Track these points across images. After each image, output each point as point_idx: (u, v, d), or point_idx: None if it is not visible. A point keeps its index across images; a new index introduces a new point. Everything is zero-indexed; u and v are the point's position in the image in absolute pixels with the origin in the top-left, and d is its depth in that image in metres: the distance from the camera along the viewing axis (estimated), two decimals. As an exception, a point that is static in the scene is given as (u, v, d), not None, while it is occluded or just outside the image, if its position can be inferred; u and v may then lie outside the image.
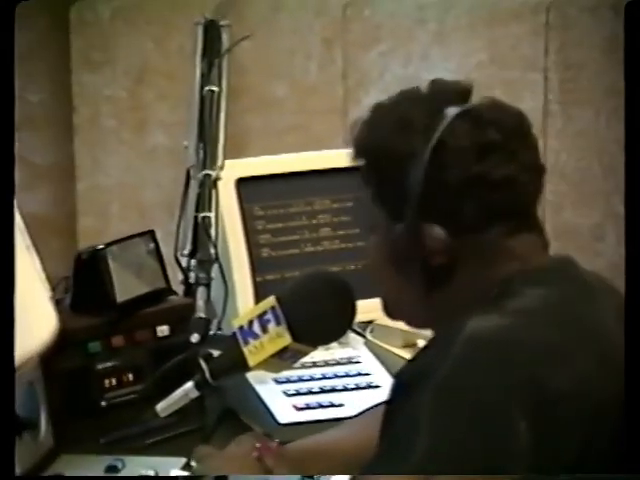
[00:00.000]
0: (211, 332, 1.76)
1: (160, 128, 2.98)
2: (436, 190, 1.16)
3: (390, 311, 1.28)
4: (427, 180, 1.16)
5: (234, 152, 2.94)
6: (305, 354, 1.34)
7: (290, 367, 1.37)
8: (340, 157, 1.94)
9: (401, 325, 1.74)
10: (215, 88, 1.69)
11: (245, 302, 1.73)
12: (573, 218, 2.96)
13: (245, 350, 1.32)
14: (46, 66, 2.80)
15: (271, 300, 1.31)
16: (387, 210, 1.21)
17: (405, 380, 1.15)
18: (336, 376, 1.67)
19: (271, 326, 1.30)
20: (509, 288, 1.15)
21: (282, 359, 1.33)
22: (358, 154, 1.24)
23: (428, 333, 1.71)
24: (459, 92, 1.21)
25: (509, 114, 1.21)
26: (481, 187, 1.16)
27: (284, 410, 1.60)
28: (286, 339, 1.30)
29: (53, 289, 1.73)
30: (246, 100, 3.00)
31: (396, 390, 1.15)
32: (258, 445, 1.35)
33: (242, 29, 2.91)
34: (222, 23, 1.76)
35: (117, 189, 3.02)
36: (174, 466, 1.45)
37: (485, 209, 1.17)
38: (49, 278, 1.72)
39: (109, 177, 3.02)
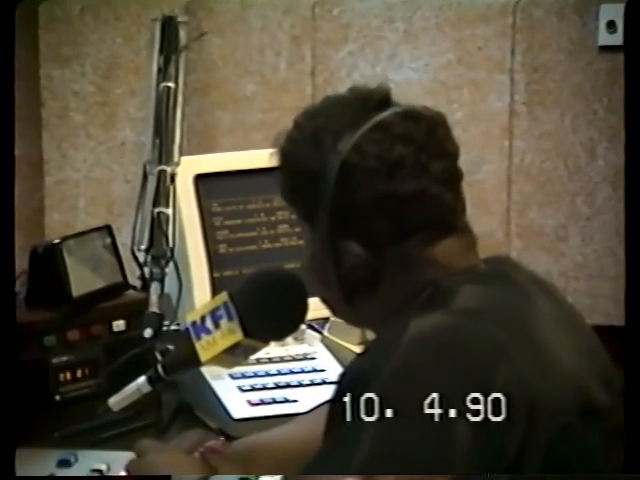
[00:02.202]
0: (171, 327, 1.77)
1: (128, 123, 2.99)
2: (347, 209, 1.17)
3: (328, 309, 1.30)
4: (336, 199, 1.17)
5: (203, 148, 2.96)
6: (257, 350, 1.35)
7: (242, 363, 1.38)
8: (269, 159, 1.97)
9: (357, 322, 1.77)
10: (171, 84, 1.70)
11: (202, 298, 1.73)
12: (538, 218, 2.98)
13: (197, 345, 1.32)
14: (14, 60, 2.80)
15: (223, 296, 1.32)
16: (306, 224, 1.23)
17: (350, 378, 1.15)
18: (291, 372, 1.68)
19: (223, 322, 1.31)
20: (443, 289, 1.16)
21: (234, 355, 1.34)
22: (278, 167, 1.25)
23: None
24: (377, 101, 1.20)
25: (422, 124, 1.19)
26: (391, 204, 1.17)
27: (238, 405, 1.60)
28: (238, 335, 1.31)
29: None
30: (215, 96, 3.00)
31: (341, 387, 1.16)
32: (201, 448, 1.34)
33: (212, 26, 2.93)
34: (180, 19, 1.77)
35: (85, 184, 3.02)
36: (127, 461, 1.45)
37: (399, 224, 1.17)
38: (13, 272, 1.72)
39: (77, 172, 3.02)
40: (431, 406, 1.07)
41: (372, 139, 1.17)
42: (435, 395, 1.07)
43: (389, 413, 1.08)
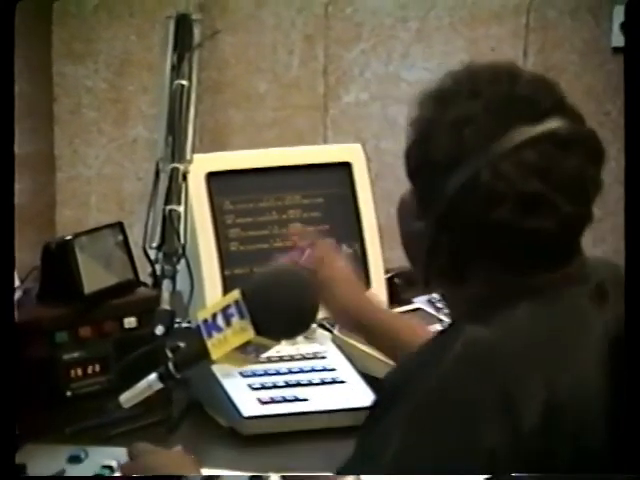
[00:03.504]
0: (182, 324, 1.77)
1: (140, 120, 2.99)
2: (458, 214, 1.12)
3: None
4: (451, 206, 1.12)
5: (215, 146, 2.96)
6: (268, 348, 1.35)
7: (253, 361, 1.38)
8: (311, 153, 1.97)
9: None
10: (185, 82, 1.70)
11: (213, 296, 1.74)
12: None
13: (208, 343, 1.32)
14: (27, 56, 2.81)
15: (235, 294, 1.32)
16: (417, 201, 1.18)
17: (391, 387, 1.16)
18: (302, 371, 1.68)
19: (235, 320, 1.31)
20: (510, 305, 1.13)
21: (245, 353, 1.34)
22: (412, 120, 1.17)
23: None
24: (539, 111, 1.10)
25: (573, 158, 1.10)
26: (503, 230, 1.11)
27: (249, 403, 1.60)
28: (249, 333, 1.30)
29: (22, 280, 1.74)
30: (228, 94, 3.01)
31: (381, 396, 1.17)
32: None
33: (225, 24, 2.93)
34: (194, 17, 1.77)
35: (96, 180, 3.03)
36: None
37: (502, 248, 1.12)
38: (24, 268, 1.72)
39: (89, 168, 3.03)
40: (463, 420, 1.07)
41: (513, 163, 1.09)
42: (469, 409, 1.07)
43: (424, 423, 1.09)
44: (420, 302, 1.88)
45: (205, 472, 1.35)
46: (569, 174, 1.10)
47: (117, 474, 1.44)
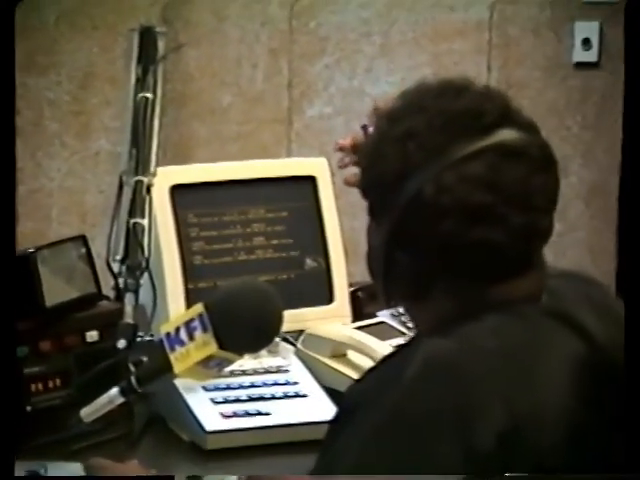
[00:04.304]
0: (145, 338, 1.76)
1: (103, 133, 2.98)
2: (410, 232, 1.12)
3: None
4: (401, 221, 1.12)
5: (179, 159, 2.96)
6: (231, 362, 1.35)
7: (216, 375, 1.38)
8: (275, 167, 1.97)
9: (331, 335, 1.77)
10: (149, 95, 1.70)
11: (177, 309, 1.73)
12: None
13: (171, 357, 1.32)
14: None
15: (199, 307, 1.31)
16: (371, 217, 1.19)
17: (350, 403, 1.16)
18: (264, 384, 1.68)
19: (198, 333, 1.30)
20: (472, 318, 1.12)
21: (208, 367, 1.34)
22: (365, 150, 1.20)
23: (358, 344, 1.73)
24: (486, 123, 1.09)
25: (522, 167, 1.09)
26: (454, 244, 1.10)
27: (211, 418, 1.60)
28: (212, 347, 1.30)
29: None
30: (192, 107, 3.01)
31: (340, 411, 1.18)
32: None
33: (188, 37, 2.93)
34: (158, 30, 1.77)
35: (58, 193, 3.02)
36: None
37: (456, 261, 1.12)
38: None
39: (51, 181, 3.01)
40: (424, 435, 1.07)
41: (458, 175, 1.09)
42: (429, 426, 1.07)
43: (384, 439, 1.08)
44: (384, 316, 1.89)
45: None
46: (516, 185, 1.09)
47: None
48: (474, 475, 1.06)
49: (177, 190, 1.79)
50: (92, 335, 1.64)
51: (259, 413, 1.61)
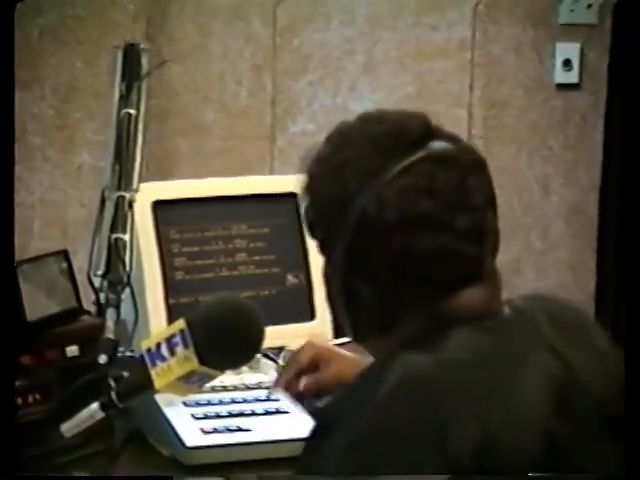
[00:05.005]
0: (125, 353, 1.76)
1: (86, 147, 2.98)
2: (362, 255, 1.14)
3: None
4: (352, 244, 1.14)
5: (162, 174, 2.96)
6: (212, 378, 1.35)
7: (197, 391, 1.38)
8: (257, 183, 1.98)
9: (312, 352, 1.77)
10: (133, 111, 1.70)
11: (158, 325, 1.73)
12: (492, 252, 3.01)
13: (152, 372, 1.32)
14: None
15: (180, 323, 1.32)
16: (323, 254, 1.22)
17: (327, 418, 1.17)
18: (245, 401, 1.68)
19: (179, 349, 1.31)
20: (443, 336, 1.13)
21: (189, 382, 1.34)
22: (303, 189, 1.22)
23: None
24: (412, 138, 1.13)
25: (454, 171, 1.12)
26: (408, 257, 1.12)
27: (192, 433, 1.60)
28: (193, 363, 1.30)
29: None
30: (175, 123, 3.01)
31: (317, 427, 1.17)
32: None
33: (172, 53, 2.94)
34: (142, 47, 1.77)
35: (40, 206, 3.01)
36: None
37: (414, 276, 1.13)
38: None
39: (32, 194, 3.01)
40: (399, 452, 1.08)
41: (395, 189, 1.12)
42: (404, 443, 1.08)
43: (360, 455, 1.09)
44: (364, 333, 1.89)
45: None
46: (453, 188, 1.12)
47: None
48: None
49: (159, 206, 1.80)
50: (73, 350, 1.63)
51: (240, 429, 1.61)
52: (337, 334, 1.89)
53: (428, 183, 1.12)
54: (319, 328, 1.86)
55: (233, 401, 1.67)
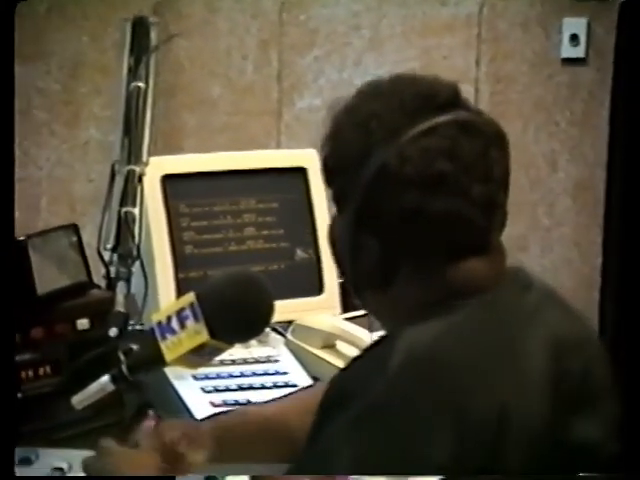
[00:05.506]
0: (135, 327, 1.77)
1: (93, 122, 2.98)
2: (375, 209, 1.15)
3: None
4: (367, 197, 1.15)
5: (168, 149, 2.96)
6: (222, 351, 1.35)
7: (207, 364, 1.38)
8: (266, 158, 1.98)
9: (321, 326, 1.79)
10: (142, 84, 1.70)
11: (167, 298, 1.73)
12: (498, 228, 3.01)
13: (162, 345, 1.32)
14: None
15: (190, 296, 1.32)
16: (335, 205, 1.22)
17: (337, 391, 1.17)
18: (254, 374, 1.69)
19: (189, 322, 1.31)
20: (447, 306, 1.14)
21: (199, 355, 1.34)
22: (326, 134, 1.22)
23: (346, 335, 1.75)
24: (441, 102, 1.15)
25: (477, 140, 1.14)
26: (419, 217, 1.13)
27: (201, 406, 1.61)
28: (203, 336, 1.31)
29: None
30: (182, 98, 3.01)
31: (327, 400, 1.18)
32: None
33: (179, 28, 2.93)
34: (151, 20, 1.77)
35: (47, 182, 3.01)
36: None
37: (422, 237, 1.14)
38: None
39: (39, 169, 3.01)
40: (415, 427, 1.08)
41: (418, 147, 1.13)
42: (417, 415, 1.08)
43: (372, 428, 1.09)
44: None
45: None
46: (475, 156, 1.14)
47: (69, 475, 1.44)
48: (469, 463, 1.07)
49: (168, 180, 1.80)
50: (83, 323, 1.64)
51: (249, 402, 1.62)
52: (345, 308, 1.90)
53: (450, 146, 1.13)
54: (327, 302, 1.87)
55: (242, 374, 1.68)
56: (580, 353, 1.19)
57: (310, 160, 1.89)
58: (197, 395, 1.63)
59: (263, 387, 1.66)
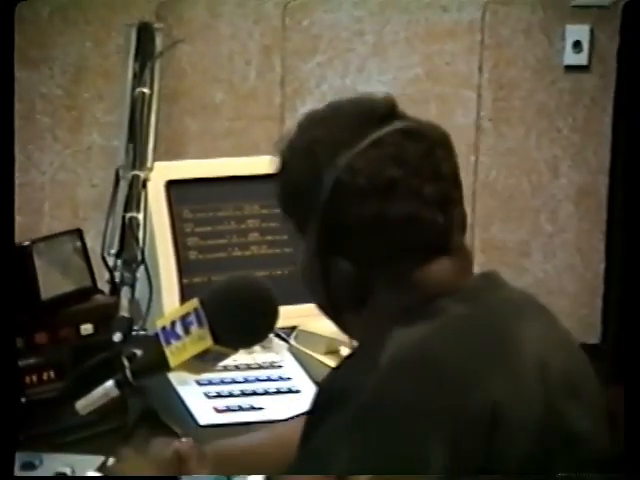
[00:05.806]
0: (139, 332, 1.77)
1: (96, 127, 2.99)
2: (336, 227, 1.17)
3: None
4: (327, 216, 1.17)
5: (171, 154, 2.96)
6: (226, 357, 1.36)
7: (211, 369, 1.39)
8: (270, 164, 1.98)
9: (324, 332, 1.79)
10: (146, 90, 1.71)
11: (171, 304, 1.74)
12: (501, 234, 3.01)
13: (167, 351, 1.33)
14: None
15: (194, 302, 1.32)
16: (298, 234, 1.23)
17: (328, 391, 1.17)
18: (258, 380, 1.69)
19: (193, 328, 1.31)
20: (430, 307, 1.16)
21: (203, 361, 1.34)
22: (276, 173, 1.25)
23: (350, 340, 1.75)
24: (379, 115, 1.18)
25: (421, 144, 1.17)
26: (380, 225, 1.16)
27: (204, 412, 1.61)
28: (208, 341, 1.31)
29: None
30: (184, 103, 3.01)
31: (319, 400, 1.18)
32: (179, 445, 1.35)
33: (182, 33, 2.93)
34: (156, 26, 1.78)
35: (50, 187, 3.02)
36: (92, 464, 1.45)
37: (387, 245, 1.17)
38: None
39: (42, 174, 3.01)
40: (407, 426, 1.09)
41: (366, 158, 1.16)
42: (410, 414, 1.09)
43: (366, 428, 1.09)
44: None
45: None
46: (421, 157, 1.17)
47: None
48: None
49: (173, 185, 1.80)
50: (87, 328, 1.64)
51: (252, 408, 1.63)
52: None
53: (397, 153, 1.16)
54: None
55: (246, 380, 1.68)
56: (562, 347, 1.21)
57: (314, 166, 1.89)
58: (200, 400, 1.63)
59: (266, 393, 1.66)
